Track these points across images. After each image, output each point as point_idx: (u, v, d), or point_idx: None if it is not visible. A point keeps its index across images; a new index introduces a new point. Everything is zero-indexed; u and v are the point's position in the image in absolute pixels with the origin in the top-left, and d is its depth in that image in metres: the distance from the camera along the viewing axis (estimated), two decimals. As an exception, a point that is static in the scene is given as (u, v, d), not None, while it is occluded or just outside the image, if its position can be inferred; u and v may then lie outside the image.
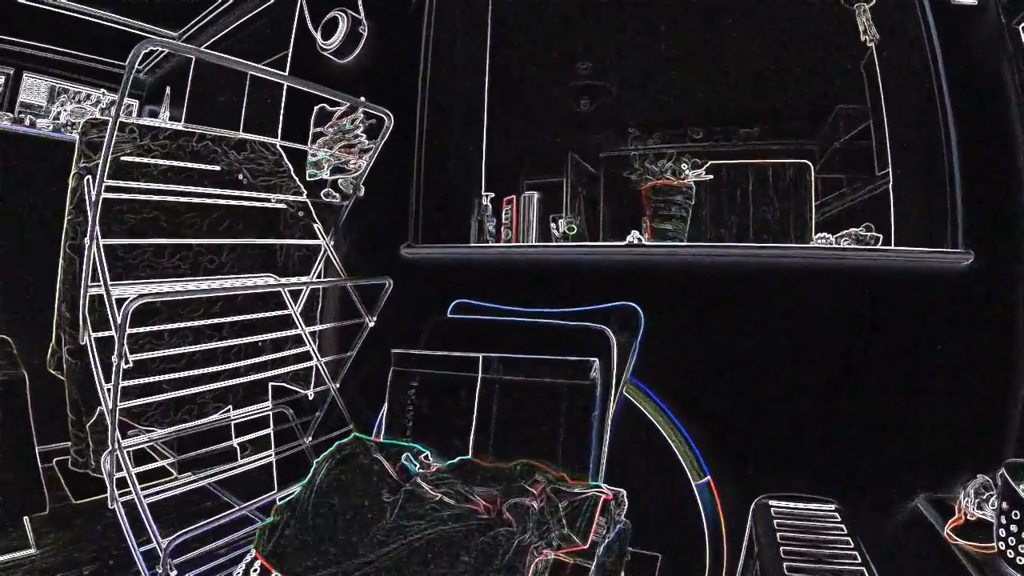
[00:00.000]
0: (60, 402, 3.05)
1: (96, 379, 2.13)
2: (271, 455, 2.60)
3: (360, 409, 2.61)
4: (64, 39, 4.55)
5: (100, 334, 2.16)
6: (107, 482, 2.24)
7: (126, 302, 1.74)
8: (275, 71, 2.87)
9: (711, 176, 2.32)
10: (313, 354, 2.39)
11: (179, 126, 2.41)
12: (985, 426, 1.73)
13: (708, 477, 1.99)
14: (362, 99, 2.61)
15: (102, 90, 4.67)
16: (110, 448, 2.11)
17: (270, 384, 2.61)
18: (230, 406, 2.54)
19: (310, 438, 2.61)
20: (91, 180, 2.15)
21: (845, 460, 1.87)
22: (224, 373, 2.35)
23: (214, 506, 3.08)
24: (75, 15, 4.28)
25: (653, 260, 2.20)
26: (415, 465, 1.79)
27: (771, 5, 2.68)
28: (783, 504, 1.77)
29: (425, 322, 2.28)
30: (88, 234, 2.02)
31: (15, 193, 4.05)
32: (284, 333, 2.40)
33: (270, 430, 2.60)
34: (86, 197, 2.14)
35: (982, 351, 1.74)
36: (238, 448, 2.75)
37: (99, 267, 1.98)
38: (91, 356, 2.15)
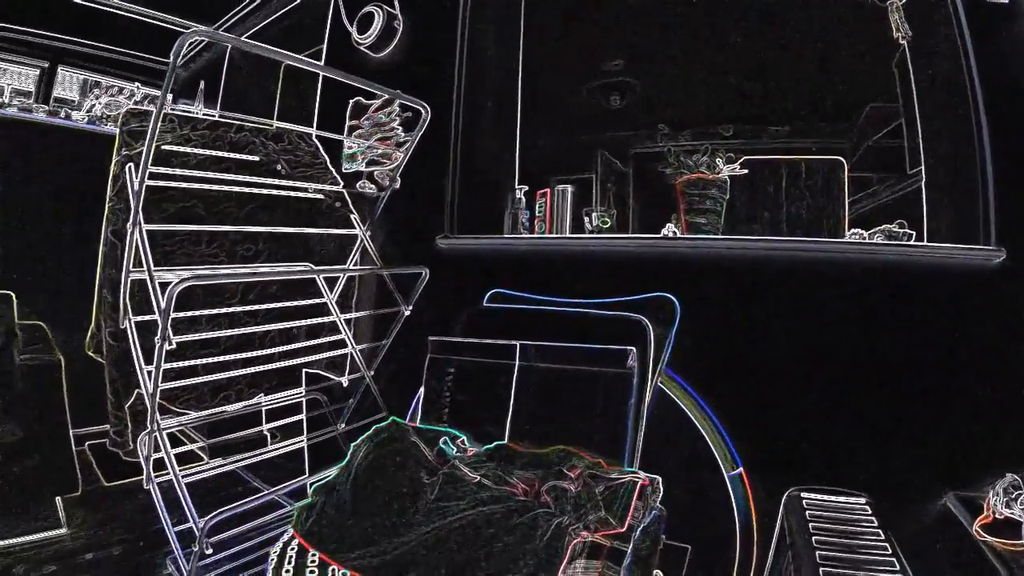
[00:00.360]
0: (93, 387, 3.12)
1: (136, 361, 2.19)
2: (303, 441, 2.63)
3: (393, 396, 2.64)
4: (98, 33, 4.64)
5: (141, 318, 2.21)
6: (142, 462, 2.30)
7: (171, 285, 1.78)
8: (320, 64, 2.91)
9: (745, 171, 2.33)
10: (348, 341, 2.42)
11: (218, 116, 2.46)
12: (1015, 425, 1.72)
13: (740, 469, 2.00)
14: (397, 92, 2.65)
15: (136, 84, 4.75)
16: (149, 429, 2.16)
17: (304, 371, 2.65)
18: (262, 392, 2.58)
19: (343, 424, 2.64)
20: (132, 168, 2.20)
21: (876, 455, 1.87)
22: (259, 359, 2.39)
23: (243, 491, 3.13)
24: (110, 10, 4.36)
25: (688, 253, 2.21)
26: (452, 449, 1.82)
27: (802, 2, 2.67)
28: (815, 496, 1.78)
29: (460, 311, 2.30)
30: (131, 220, 2.06)
31: (49, 183, 4.14)
32: (319, 320, 2.44)
33: (303, 416, 2.64)
34: (128, 185, 2.19)
35: (1013, 349, 1.74)
36: (268, 434, 2.79)
37: (143, 253, 2.03)
38: (131, 339, 2.20)
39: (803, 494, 1.80)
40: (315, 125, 3.29)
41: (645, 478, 1.68)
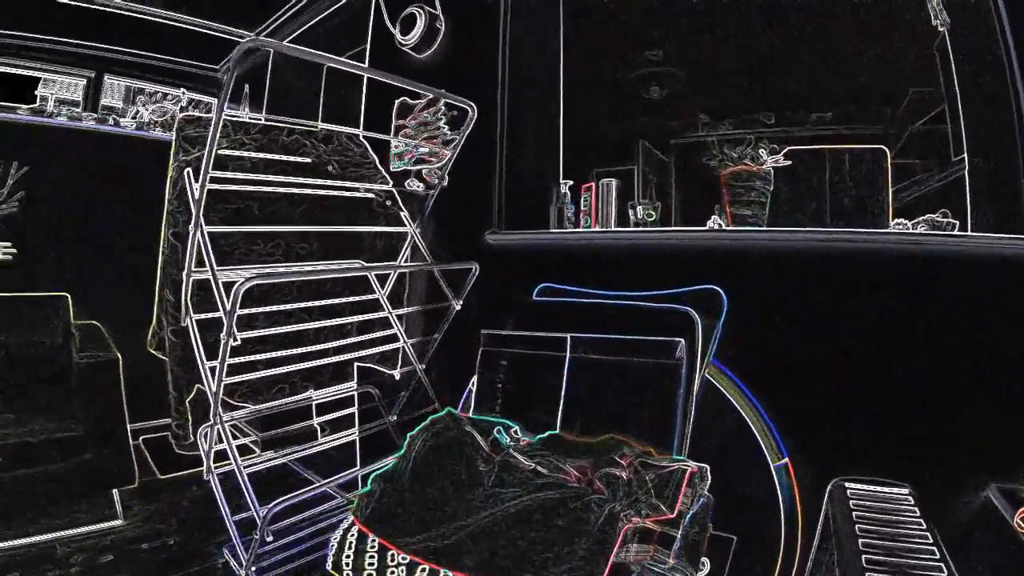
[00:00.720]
0: (148, 383, 3.26)
1: (198, 357, 2.29)
2: (356, 433, 2.72)
3: (444, 388, 2.71)
4: (142, 42, 4.79)
5: (201, 316, 2.32)
6: (203, 455, 2.40)
7: (236, 285, 1.86)
8: (366, 67, 2.98)
9: (789, 162, 2.34)
10: (400, 336, 2.50)
11: (269, 120, 2.55)
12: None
13: (786, 459, 2.02)
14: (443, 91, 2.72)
15: (182, 89, 4.90)
16: (211, 422, 2.26)
17: (356, 365, 2.74)
18: (314, 386, 2.68)
19: (395, 416, 2.72)
20: (191, 173, 2.30)
21: (919, 446, 1.87)
22: (313, 354, 2.48)
23: (294, 482, 3.23)
24: (153, 19, 4.49)
25: (733, 245, 2.23)
26: (506, 439, 1.88)
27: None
28: (859, 487, 1.80)
29: (509, 304, 2.36)
30: (193, 223, 2.16)
31: (101, 188, 4.31)
32: (372, 316, 2.52)
33: (355, 409, 2.73)
34: (188, 189, 2.29)
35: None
36: (318, 427, 2.89)
37: (205, 254, 2.13)
38: (192, 336, 2.31)
39: (847, 484, 1.81)
40: (362, 125, 3.37)
41: (694, 466, 1.72)
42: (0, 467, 2.89)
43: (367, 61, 3.56)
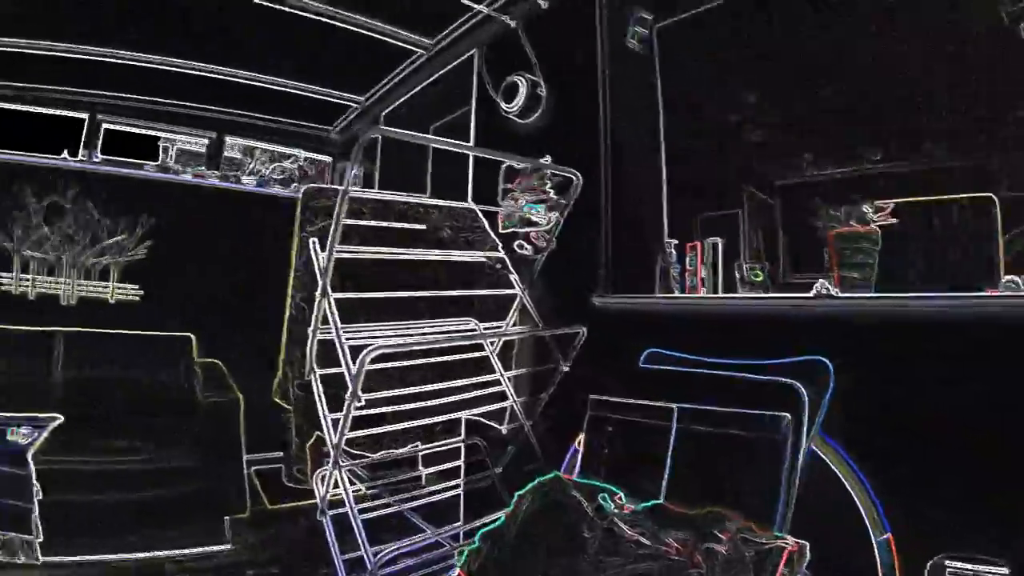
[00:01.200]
0: (261, 420, 3.53)
1: (320, 410, 2.50)
2: (461, 483, 2.86)
3: (549, 445, 2.81)
4: (260, 105, 5.26)
5: (324, 371, 2.53)
6: (318, 498, 2.59)
7: (364, 353, 2.04)
8: (475, 147, 3.18)
9: (895, 220, 2.31)
10: (509, 394, 2.63)
11: (387, 195, 2.78)
12: None
13: (889, 534, 1.98)
14: (548, 159, 2.87)
15: (298, 149, 5.33)
16: (330, 468, 2.45)
17: (463, 418, 2.88)
18: (422, 437, 2.84)
19: (499, 470, 2.84)
20: (317, 244, 2.53)
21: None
22: (427, 409, 2.64)
23: (396, 526, 3.37)
24: (271, 86, 4.93)
25: (840, 312, 2.22)
26: (610, 505, 1.95)
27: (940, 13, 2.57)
28: (959, 564, 1.76)
29: (615, 366, 2.45)
30: (320, 291, 2.39)
31: (224, 238, 4.72)
32: (484, 378, 2.67)
33: (461, 462, 2.86)
34: (314, 259, 2.52)
35: None
36: (423, 476, 3.04)
37: (331, 319, 2.34)
38: (316, 391, 2.53)
39: (947, 562, 1.77)
40: (470, 189, 3.60)
41: (793, 544, 1.73)
42: (127, 489, 3.21)
43: (472, 123, 3.79)
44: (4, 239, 4.13)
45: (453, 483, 2.86)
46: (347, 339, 2.31)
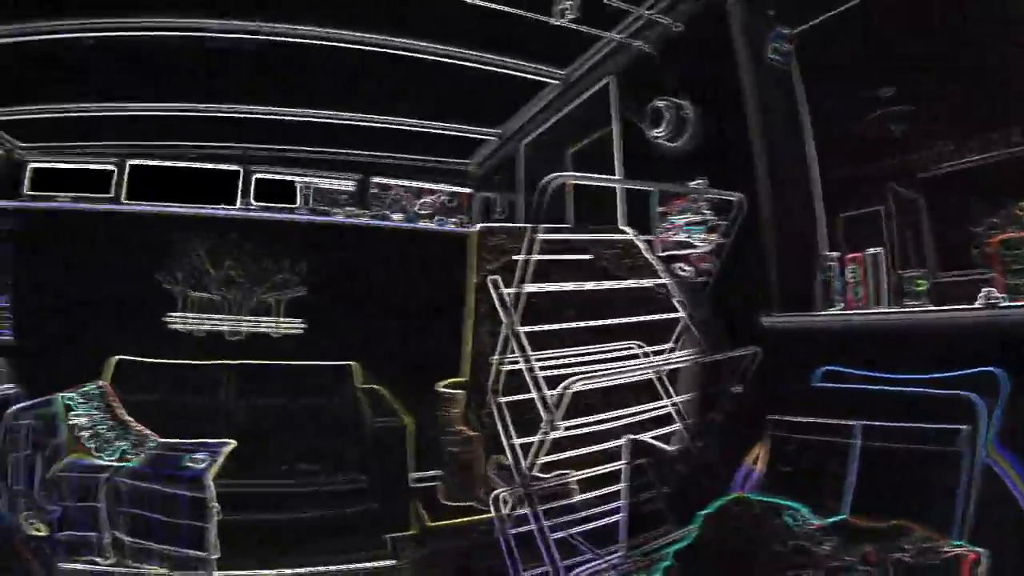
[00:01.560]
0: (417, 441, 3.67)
1: (505, 435, 2.71)
2: (626, 502, 2.96)
3: (719, 464, 2.88)
4: (402, 146, 5.71)
5: (507, 398, 2.74)
6: (495, 518, 2.77)
7: (563, 385, 2.23)
8: (630, 180, 3.33)
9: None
10: (677, 417, 2.75)
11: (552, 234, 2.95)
12: None
13: (1065, 546, 1.93)
14: (704, 181, 2.96)
15: (443, 185, 5.70)
16: (515, 490, 2.64)
17: (628, 439, 3.00)
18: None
19: (667, 490, 2.94)
20: (499, 281, 2.75)
21: None
22: (604, 432, 2.79)
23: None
24: (409, 128, 5.34)
25: (1011, 320, 2.16)
26: (795, 522, 2.03)
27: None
28: None
29: (788, 385, 2.52)
30: (507, 326, 2.61)
31: (375, 273, 5.07)
32: (656, 405, 2.79)
33: (626, 483, 2.95)
34: (494, 294, 2.74)
35: None
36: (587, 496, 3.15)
37: (519, 351, 2.56)
38: (501, 417, 2.74)
39: None
40: (619, 214, 3.75)
41: (973, 553, 1.75)
42: (297, 509, 3.51)
43: (615, 150, 3.92)
44: (172, 283, 4.64)
45: (618, 504, 2.95)
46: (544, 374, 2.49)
